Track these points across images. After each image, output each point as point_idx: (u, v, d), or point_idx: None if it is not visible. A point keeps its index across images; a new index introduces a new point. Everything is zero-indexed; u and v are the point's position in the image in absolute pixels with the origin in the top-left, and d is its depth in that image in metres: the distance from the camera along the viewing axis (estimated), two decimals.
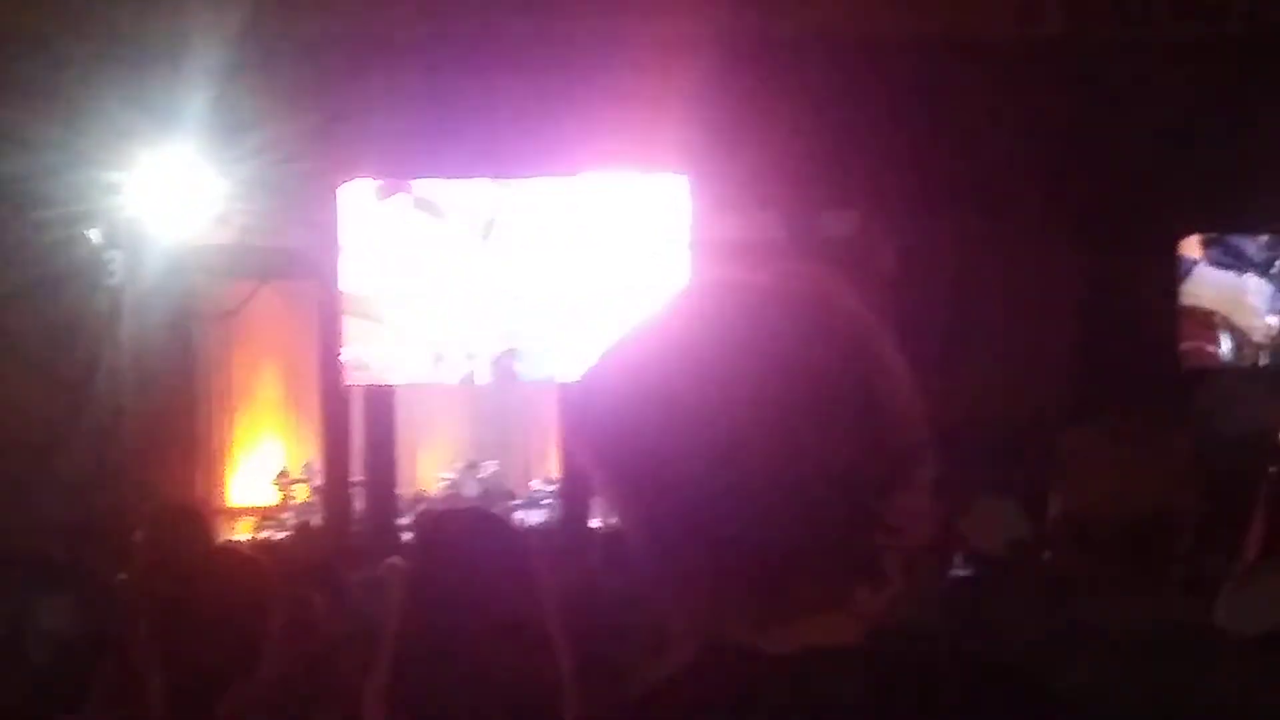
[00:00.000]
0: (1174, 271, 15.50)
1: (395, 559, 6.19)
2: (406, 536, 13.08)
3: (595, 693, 2.34)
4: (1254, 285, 16.02)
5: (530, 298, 14.49)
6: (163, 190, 13.86)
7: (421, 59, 13.15)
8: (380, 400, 15.17)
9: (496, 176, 14.51)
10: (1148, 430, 2.60)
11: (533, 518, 15.25)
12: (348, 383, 14.66)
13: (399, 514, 15.28)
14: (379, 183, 14.35)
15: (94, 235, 14.12)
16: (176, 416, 15.92)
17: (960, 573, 4.30)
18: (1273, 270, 16.00)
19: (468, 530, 2.38)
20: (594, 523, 14.06)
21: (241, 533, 15.10)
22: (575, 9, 13.66)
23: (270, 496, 17.49)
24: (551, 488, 17.20)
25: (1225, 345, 15.94)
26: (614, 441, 1.28)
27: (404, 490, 16.45)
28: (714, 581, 1.25)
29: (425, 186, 14.48)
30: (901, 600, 1.24)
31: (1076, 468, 2.55)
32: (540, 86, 13.46)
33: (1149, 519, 2.44)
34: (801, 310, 1.27)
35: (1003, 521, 4.36)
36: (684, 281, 1.34)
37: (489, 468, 18.02)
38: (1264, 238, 15.81)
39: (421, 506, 14.90)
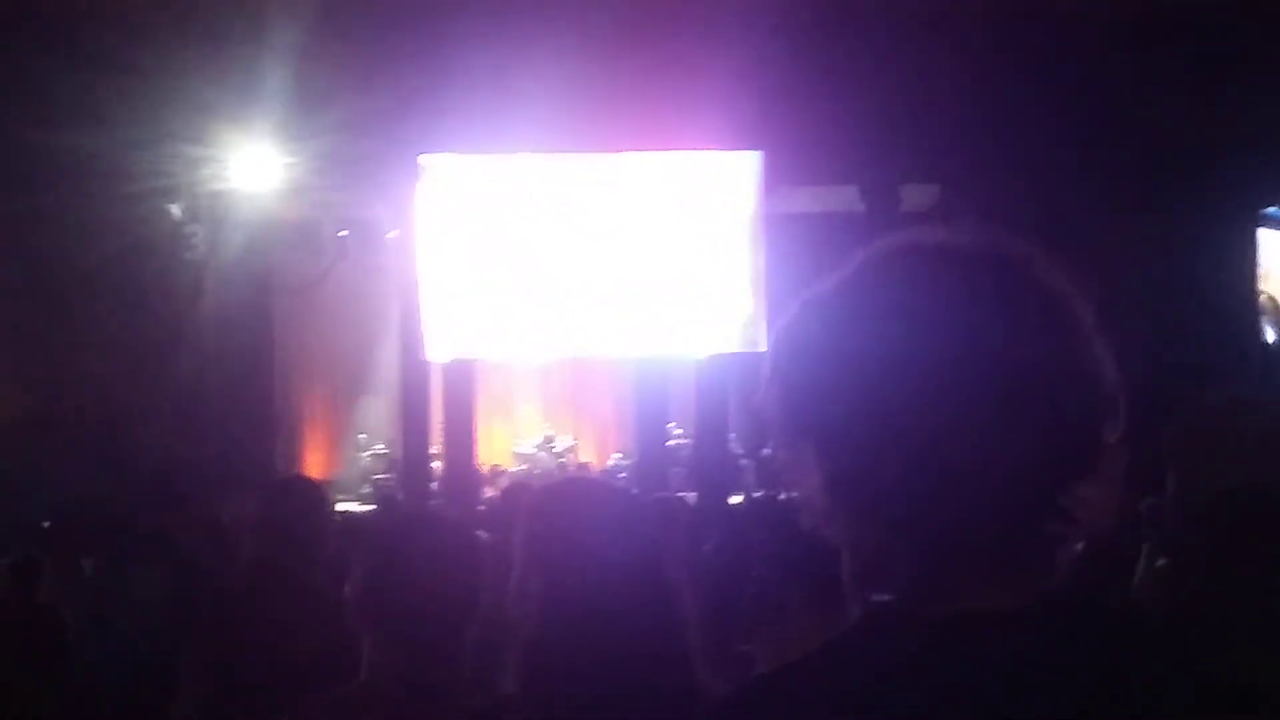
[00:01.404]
0: (1254, 245, 15.31)
1: (481, 531, 6.21)
2: (491, 508, 13.13)
3: (724, 661, 2.36)
4: None
5: (608, 274, 14.51)
6: (243, 165, 14.00)
7: (500, 35, 13.17)
8: (458, 374, 15.26)
9: (574, 152, 14.53)
10: (1257, 405, 2.58)
11: None
12: (425, 357, 14.74)
13: (476, 486, 15.38)
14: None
15: (176, 210, 14.28)
16: (256, 388, 16.09)
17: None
18: None
19: (592, 500, 2.39)
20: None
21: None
22: None
23: (348, 468, 17.67)
24: (627, 462, 17.26)
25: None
26: (802, 401, 1.27)
27: (481, 463, 16.55)
28: (890, 546, 1.25)
29: (506, 162, 14.52)
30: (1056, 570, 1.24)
31: (1192, 445, 2.54)
32: (618, 63, 13.46)
33: (1264, 493, 2.43)
34: (1008, 279, 1.25)
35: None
36: (880, 242, 1.31)
37: (565, 442, 18.11)
38: None
39: (504, 480, 14.95)
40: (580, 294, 14.49)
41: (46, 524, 10.23)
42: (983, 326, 1.21)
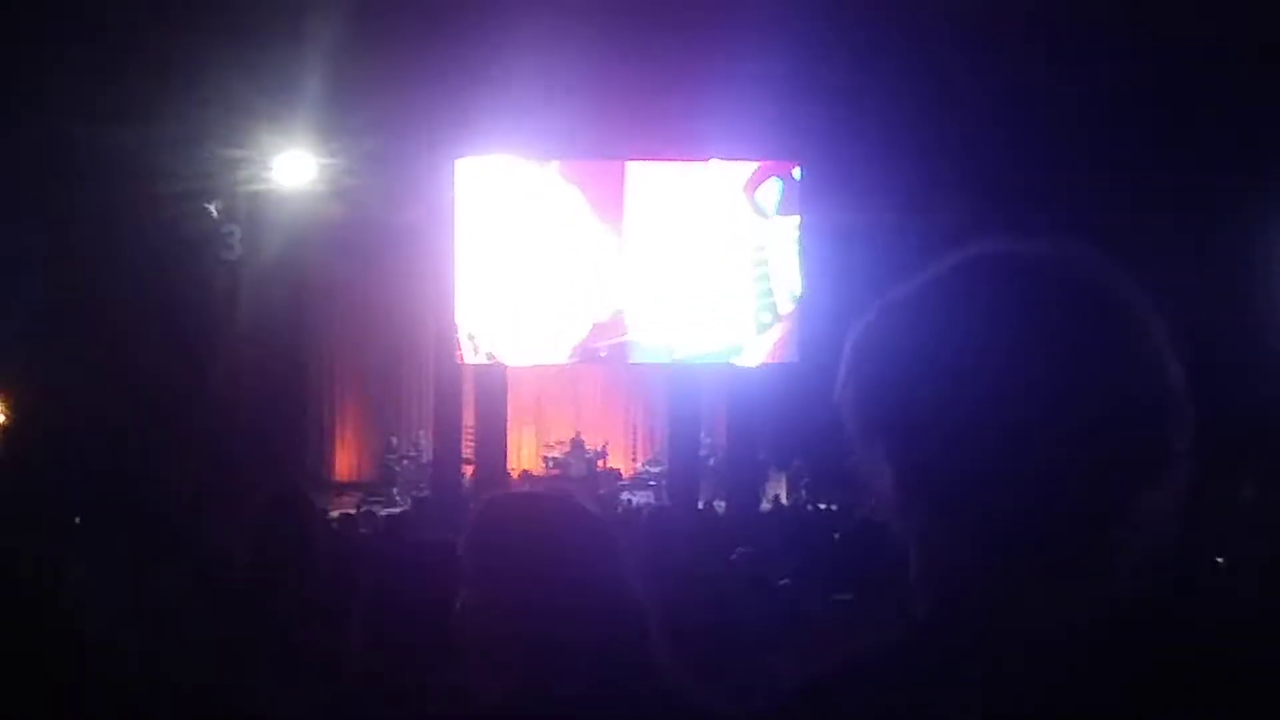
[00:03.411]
0: None
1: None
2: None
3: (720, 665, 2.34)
4: None
5: (643, 281, 14.53)
6: (281, 166, 14.07)
7: (541, 41, 13.18)
8: (490, 378, 15.29)
9: (612, 159, 14.56)
10: None
11: (639, 497, 15.30)
12: (458, 360, 14.78)
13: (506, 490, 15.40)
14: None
15: (214, 209, 14.35)
16: (289, 389, 16.17)
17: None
18: None
19: (532, 513, 2.38)
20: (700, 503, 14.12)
21: (348, 506, 15.28)
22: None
23: (377, 470, 17.72)
24: (658, 469, 17.28)
25: None
26: (877, 400, 1.30)
27: (511, 468, 16.59)
28: (956, 544, 1.27)
29: (542, 166, 14.54)
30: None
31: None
32: (660, 71, 13.48)
33: None
34: (1082, 287, 1.28)
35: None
36: (957, 249, 1.34)
37: (595, 447, 18.13)
38: None
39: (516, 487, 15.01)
40: (614, 300, 14.50)
41: (78, 519, 10.31)
42: (1055, 333, 1.24)
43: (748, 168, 14.62)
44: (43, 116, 12.86)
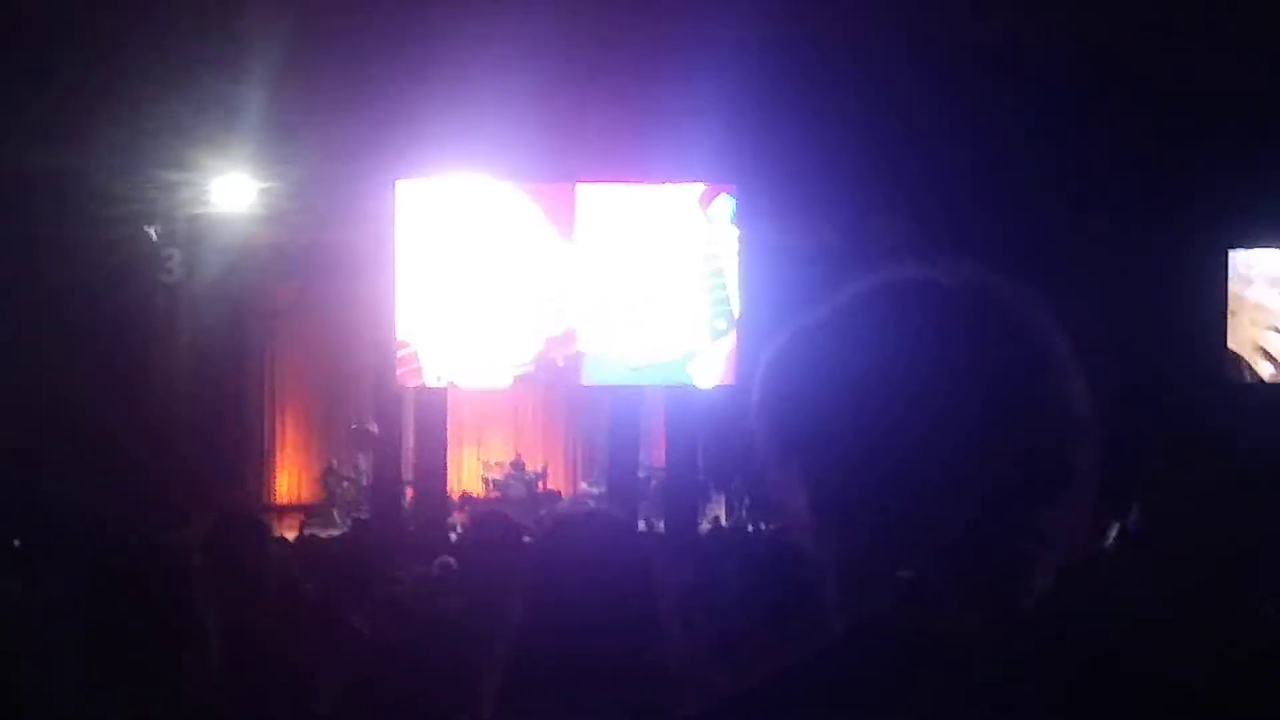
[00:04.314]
0: (1224, 281, 15.47)
1: (447, 558, 6.27)
2: (455, 535, 13.17)
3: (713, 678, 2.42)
4: None
5: (582, 303, 14.53)
6: (221, 189, 14.01)
7: (478, 63, 13.18)
8: (430, 399, 15.25)
9: (551, 181, 14.56)
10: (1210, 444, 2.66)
11: None
12: (398, 381, 14.72)
13: (446, 512, 15.36)
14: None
15: (153, 233, 14.27)
16: (228, 411, 16.08)
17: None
18: None
19: (603, 530, 2.47)
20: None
21: (288, 528, 15.20)
22: (629, 15, 13.68)
23: (317, 493, 17.63)
24: (597, 490, 17.26)
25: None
26: (791, 423, 1.34)
27: (451, 489, 16.54)
28: (871, 564, 1.31)
29: (482, 188, 14.53)
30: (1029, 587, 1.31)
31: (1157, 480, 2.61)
32: (598, 94, 13.51)
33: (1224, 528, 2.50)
34: (986, 311, 1.33)
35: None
36: (867, 275, 1.38)
37: (535, 468, 18.09)
38: None
39: (476, 508, 14.95)
40: (553, 322, 14.50)
41: (16, 543, 10.20)
42: (962, 356, 1.29)
43: (686, 191, 14.67)
44: None
